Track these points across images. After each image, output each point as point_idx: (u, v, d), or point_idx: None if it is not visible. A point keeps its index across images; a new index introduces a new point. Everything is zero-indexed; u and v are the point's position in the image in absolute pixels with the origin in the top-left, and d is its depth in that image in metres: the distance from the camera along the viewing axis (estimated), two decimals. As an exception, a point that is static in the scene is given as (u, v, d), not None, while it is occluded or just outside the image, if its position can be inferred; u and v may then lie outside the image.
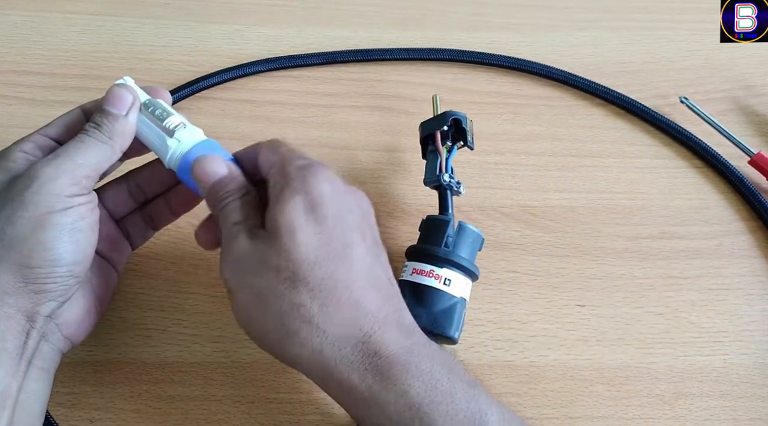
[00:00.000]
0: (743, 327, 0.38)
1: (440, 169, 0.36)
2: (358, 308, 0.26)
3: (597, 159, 0.45)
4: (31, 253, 0.26)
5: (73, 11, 0.48)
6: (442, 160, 0.37)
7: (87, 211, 0.27)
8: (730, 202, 0.43)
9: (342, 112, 0.45)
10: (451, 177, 0.36)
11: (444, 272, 0.33)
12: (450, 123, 0.37)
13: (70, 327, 0.29)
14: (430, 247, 0.34)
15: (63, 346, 0.29)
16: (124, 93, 0.29)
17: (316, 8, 0.51)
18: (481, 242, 0.35)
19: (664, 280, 0.39)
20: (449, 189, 0.36)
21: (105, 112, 0.29)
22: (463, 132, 0.37)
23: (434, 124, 0.38)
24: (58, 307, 0.28)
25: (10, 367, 0.26)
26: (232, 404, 0.33)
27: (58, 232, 0.26)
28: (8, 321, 0.26)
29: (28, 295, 0.26)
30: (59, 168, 0.27)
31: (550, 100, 0.47)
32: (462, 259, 0.33)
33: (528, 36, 0.51)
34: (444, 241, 0.34)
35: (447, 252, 0.33)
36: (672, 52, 0.51)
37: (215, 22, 0.49)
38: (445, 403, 0.25)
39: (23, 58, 0.45)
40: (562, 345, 0.37)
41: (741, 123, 0.47)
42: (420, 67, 0.48)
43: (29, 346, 0.27)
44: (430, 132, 0.38)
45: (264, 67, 0.46)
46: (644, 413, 0.35)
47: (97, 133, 0.28)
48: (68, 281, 0.27)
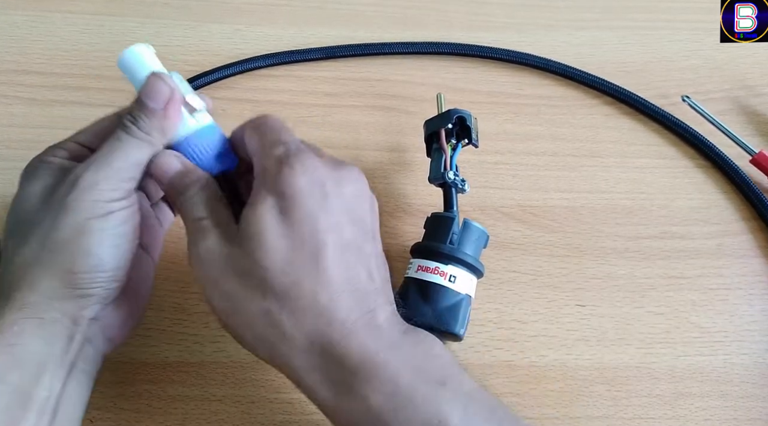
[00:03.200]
0: (744, 327, 0.38)
1: (445, 166, 0.36)
2: (326, 315, 0.25)
3: (597, 159, 0.45)
4: (74, 259, 0.26)
5: (74, 11, 0.48)
6: (446, 157, 0.37)
7: (128, 215, 0.27)
8: (731, 202, 0.43)
9: (342, 112, 0.45)
10: (455, 174, 0.36)
11: (449, 269, 0.33)
12: (454, 121, 0.37)
13: (113, 328, 0.29)
14: (435, 244, 0.34)
15: (105, 348, 0.29)
16: (161, 85, 0.28)
17: (317, 8, 0.51)
18: (486, 239, 0.35)
19: (664, 280, 0.39)
20: (454, 187, 0.36)
21: (142, 105, 0.28)
22: (467, 130, 0.37)
23: (439, 122, 0.38)
24: (102, 309, 0.27)
25: (56, 372, 0.26)
26: (232, 404, 0.33)
27: (100, 237, 0.26)
28: (54, 325, 0.26)
29: (73, 300, 0.26)
30: (98, 174, 0.26)
31: (550, 100, 0.47)
32: (467, 256, 0.33)
33: (528, 35, 0.51)
34: (449, 238, 0.34)
35: (452, 249, 0.33)
36: (672, 51, 0.51)
37: (215, 21, 0.49)
38: (405, 409, 0.24)
39: (23, 57, 0.45)
40: (563, 345, 0.37)
41: (741, 123, 0.47)
42: (420, 67, 0.48)
43: (73, 349, 0.27)
44: (434, 130, 0.38)
45: (263, 63, 0.46)
46: (644, 413, 0.35)
47: (134, 129, 0.27)
48: (111, 285, 0.27)
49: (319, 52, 0.47)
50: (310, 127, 0.44)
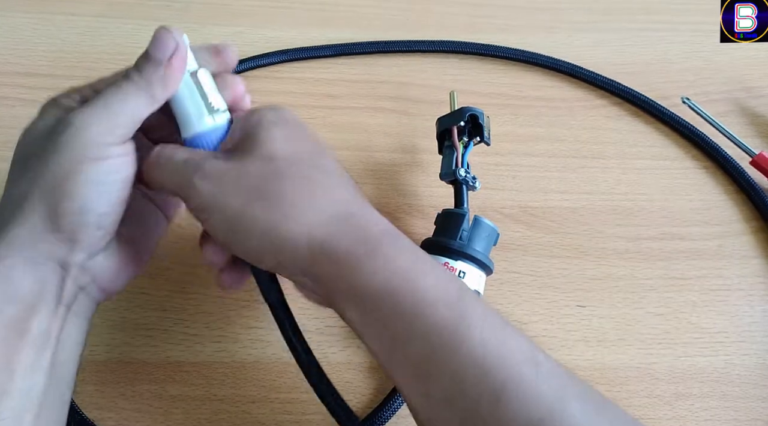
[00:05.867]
0: (744, 328, 0.38)
1: (456, 163, 0.37)
2: (342, 192, 0.27)
3: (597, 160, 0.45)
4: (59, 200, 0.25)
5: (76, 13, 0.49)
6: (458, 155, 0.37)
7: (120, 164, 0.27)
8: (731, 202, 0.43)
9: (344, 114, 0.45)
10: (467, 172, 0.37)
11: (458, 265, 0.33)
12: (467, 118, 0.38)
13: (104, 279, 0.28)
14: (445, 240, 0.34)
15: (99, 297, 0.29)
16: (167, 37, 0.27)
17: (317, 10, 0.51)
18: (496, 237, 0.36)
19: (664, 280, 0.39)
20: (465, 184, 0.37)
21: (147, 55, 0.27)
22: (479, 128, 0.38)
23: (451, 119, 0.38)
24: (89, 258, 0.27)
25: (51, 310, 0.26)
26: (233, 404, 0.33)
27: (87, 182, 0.26)
28: (45, 266, 0.26)
29: (58, 244, 0.26)
30: (92, 115, 0.26)
31: (550, 102, 0.47)
32: (476, 252, 0.34)
33: (528, 37, 0.51)
34: (459, 234, 0.34)
35: (462, 245, 0.34)
36: (672, 52, 0.51)
37: (216, 23, 0.49)
38: (431, 274, 0.25)
39: (26, 59, 0.46)
40: (563, 345, 0.37)
41: (741, 124, 0.47)
42: (420, 70, 0.48)
43: (66, 293, 0.26)
44: (447, 127, 0.38)
45: (265, 62, 0.46)
46: (645, 414, 0.35)
47: (137, 78, 0.27)
48: (96, 233, 0.27)
49: (328, 49, 0.48)
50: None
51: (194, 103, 0.28)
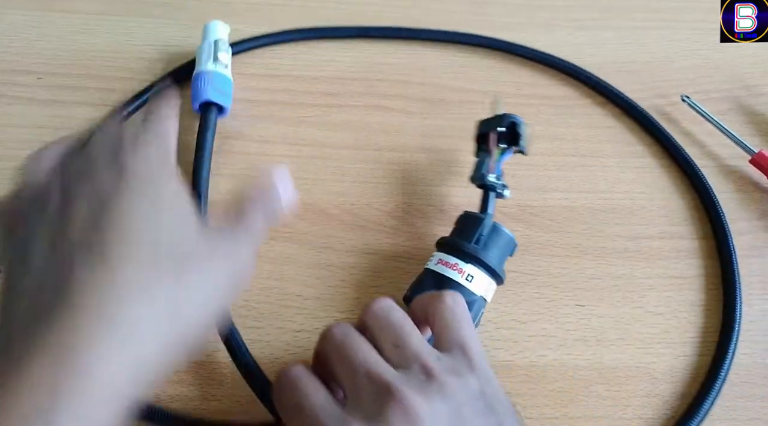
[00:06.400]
0: (743, 327, 0.38)
1: (488, 169, 0.37)
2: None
3: (597, 159, 0.45)
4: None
5: (73, 10, 0.48)
6: (492, 160, 0.37)
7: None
8: (731, 202, 0.43)
9: (342, 112, 0.45)
10: (497, 178, 0.37)
11: (468, 268, 0.33)
12: (507, 125, 0.37)
13: None
14: (459, 241, 0.34)
15: None
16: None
17: (316, 8, 0.51)
18: (513, 248, 0.35)
19: (664, 279, 0.39)
20: (492, 190, 0.37)
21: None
22: (517, 136, 0.37)
23: (491, 124, 0.38)
24: None
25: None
26: (231, 404, 0.33)
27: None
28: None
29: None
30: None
31: (550, 100, 0.47)
32: (489, 259, 0.34)
33: (528, 35, 0.50)
34: (475, 237, 0.34)
35: (475, 249, 0.34)
36: (672, 51, 0.51)
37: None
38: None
39: (22, 57, 0.45)
40: (562, 345, 0.37)
41: (741, 122, 0.47)
42: (420, 68, 0.48)
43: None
44: (485, 131, 0.38)
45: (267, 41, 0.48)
46: (644, 413, 0.35)
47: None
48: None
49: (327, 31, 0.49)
50: (309, 127, 0.44)
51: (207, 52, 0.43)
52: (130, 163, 0.26)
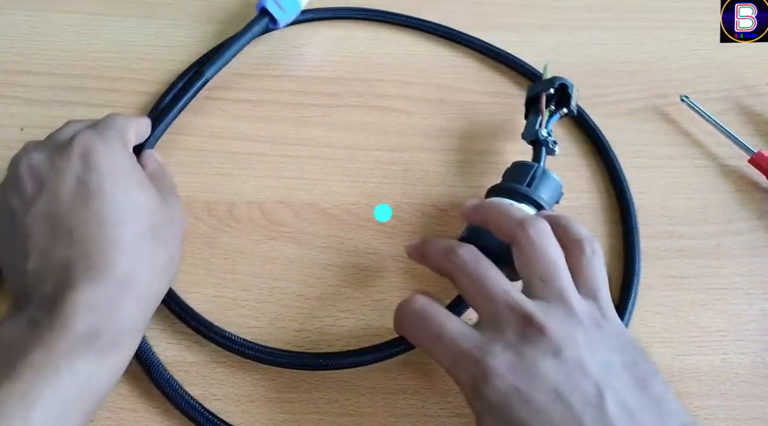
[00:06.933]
0: (742, 326, 0.38)
1: (540, 124, 0.38)
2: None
3: (596, 158, 0.45)
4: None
5: (74, 11, 0.48)
6: (543, 118, 0.39)
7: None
8: (730, 201, 0.43)
9: (342, 112, 0.45)
10: (549, 133, 0.38)
11: (522, 207, 0.34)
12: (557, 87, 0.39)
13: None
14: (513, 184, 0.35)
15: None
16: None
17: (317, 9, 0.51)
18: (560, 194, 0.37)
19: (663, 279, 0.39)
20: (544, 145, 0.38)
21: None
22: (567, 97, 0.39)
23: (541, 86, 0.40)
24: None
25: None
26: (232, 403, 0.33)
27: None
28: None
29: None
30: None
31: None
32: (542, 200, 0.35)
33: (528, 35, 0.51)
34: (528, 181, 0.35)
35: (528, 190, 0.35)
36: (672, 51, 0.51)
37: (215, 22, 0.49)
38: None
39: (23, 57, 0.45)
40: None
41: (741, 122, 0.47)
42: (419, 68, 0.48)
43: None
44: (536, 93, 0.40)
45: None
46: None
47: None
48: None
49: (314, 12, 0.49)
50: (308, 127, 0.44)
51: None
52: (88, 143, 0.31)
